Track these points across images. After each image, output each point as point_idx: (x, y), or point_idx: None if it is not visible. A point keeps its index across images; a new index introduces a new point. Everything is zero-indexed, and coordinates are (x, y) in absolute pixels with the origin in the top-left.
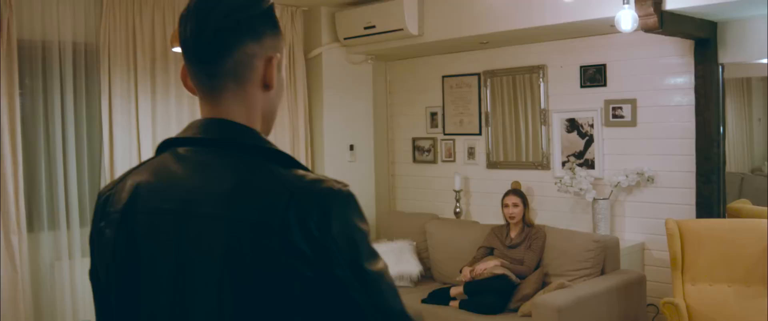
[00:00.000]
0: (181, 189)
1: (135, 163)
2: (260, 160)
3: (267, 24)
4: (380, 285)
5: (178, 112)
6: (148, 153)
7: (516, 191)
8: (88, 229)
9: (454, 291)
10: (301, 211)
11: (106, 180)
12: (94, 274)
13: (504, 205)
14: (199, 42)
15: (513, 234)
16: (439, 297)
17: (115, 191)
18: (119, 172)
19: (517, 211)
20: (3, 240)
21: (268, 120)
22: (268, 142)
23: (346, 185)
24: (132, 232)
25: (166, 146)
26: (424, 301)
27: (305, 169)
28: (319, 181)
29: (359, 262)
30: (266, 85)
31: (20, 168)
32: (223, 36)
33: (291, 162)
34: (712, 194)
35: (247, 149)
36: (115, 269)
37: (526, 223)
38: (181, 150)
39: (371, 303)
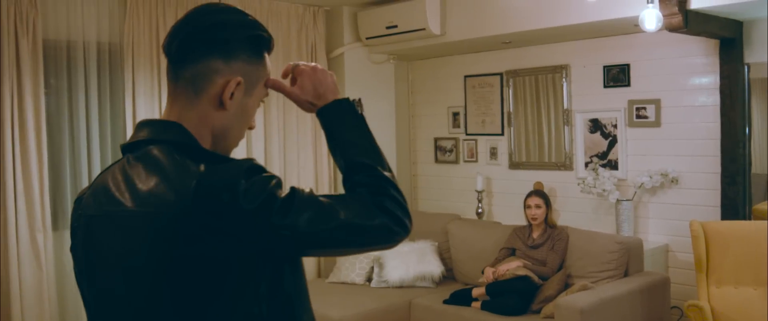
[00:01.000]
0: (121, 191)
1: None
2: (177, 156)
3: (246, 50)
4: (311, 219)
5: None
6: None
7: (539, 192)
8: None
9: (476, 292)
10: (209, 193)
11: None
12: (80, 275)
13: (526, 206)
14: (172, 44)
15: (535, 235)
16: (461, 298)
17: (86, 196)
18: None
19: (540, 212)
20: (29, 238)
21: (221, 140)
22: (190, 138)
23: (248, 160)
24: (91, 235)
25: (125, 150)
26: (445, 301)
27: (219, 158)
28: (224, 164)
29: (278, 214)
30: (220, 103)
31: (45, 167)
32: (192, 44)
33: (205, 155)
34: (737, 196)
35: (169, 145)
36: (86, 269)
37: (548, 224)
38: (130, 155)
39: (309, 232)
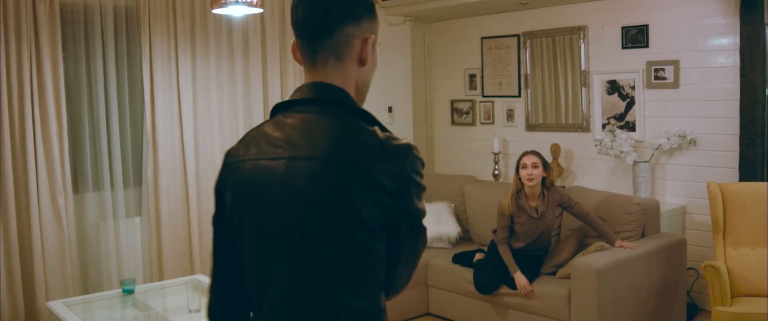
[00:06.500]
0: (289, 139)
1: (176, 124)
2: (350, 116)
3: (366, 10)
4: (422, 215)
5: (217, 73)
6: (188, 114)
7: (535, 151)
8: (131, 191)
9: (479, 256)
10: (389, 158)
11: (148, 141)
12: (219, 220)
13: (521, 166)
14: (309, 24)
15: (533, 203)
16: (463, 259)
17: (238, 147)
18: (161, 133)
19: (537, 173)
20: (50, 200)
21: (362, 91)
22: (355, 102)
23: (413, 143)
24: (250, 177)
25: (279, 108)
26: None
27: (384, 127)
28: (398, 138)
29: (418, 199)
30: (362, 61)
31: (65, 130)
32: (328, 20)
33: (374, 120)
34: (756, 157)
35: (341, 106)
36: (239, 208)
37: (545, 185)
38: (291, 110)
39: (419, 224)
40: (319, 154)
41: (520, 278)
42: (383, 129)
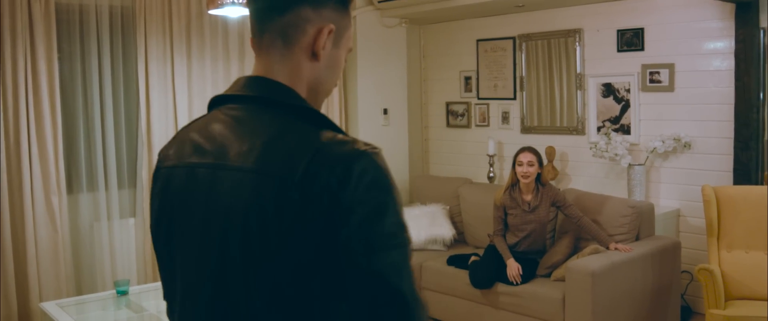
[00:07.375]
0: (217, 145)
1: (171, 125)
2: (292, 119)
3: None
4: (387, 256)
5: (213, 73)
6: (183, 115)
7: (531, 149)
8: (126, 191)
9: (474, 259)
10: (323, 166)
11: (143, 142)
12: (153, 228)
13: (517, 163)
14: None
15: (527, 197)
16: (458, 262)
17: (168, 148)
18: (156, 134)
19: (532, 170)
20: (44, 201)
21: (316, 93)
22: (305, 102)
23: (375, 148)
24: (175, 185)
25: (215, 103)
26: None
27: (339, 130)
28: (347, 142)
29: (371, 227)
30: (313, 54)
31: (59, 130)
32: None
33: (325, 122)
34: (750, 161)
35: (283, 107)
36: (164, 220)
37: (540, 182)
38: (225, 107)
39: (371, 270)
40: (247, 163)
41: (511, 263)
42: (339, 132)
